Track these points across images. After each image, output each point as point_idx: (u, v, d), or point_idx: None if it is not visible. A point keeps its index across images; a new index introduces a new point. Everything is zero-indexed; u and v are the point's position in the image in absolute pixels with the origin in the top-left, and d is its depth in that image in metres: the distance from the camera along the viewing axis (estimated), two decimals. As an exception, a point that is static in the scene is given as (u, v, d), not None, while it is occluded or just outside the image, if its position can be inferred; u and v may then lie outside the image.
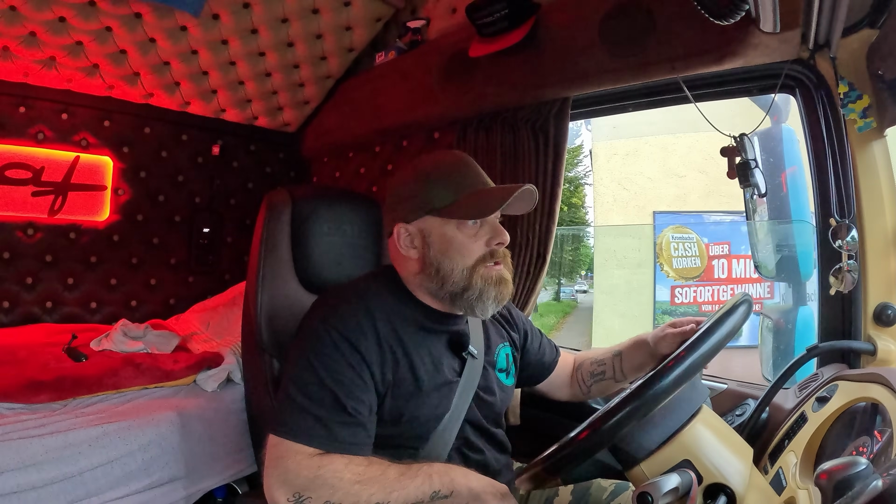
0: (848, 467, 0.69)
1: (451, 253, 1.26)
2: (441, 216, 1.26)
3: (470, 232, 1.27)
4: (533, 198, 1.32)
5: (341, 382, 1.16)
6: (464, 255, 1.26)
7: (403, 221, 1.28)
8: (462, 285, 1.25)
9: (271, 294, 1.66)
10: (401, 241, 1.28)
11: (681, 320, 1.46)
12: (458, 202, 1.26)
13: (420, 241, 1.28)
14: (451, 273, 1.25)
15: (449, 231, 1.26)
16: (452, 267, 1.25)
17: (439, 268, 1.26)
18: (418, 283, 1.30)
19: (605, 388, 1.62)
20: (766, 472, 1.26)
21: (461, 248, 1.26)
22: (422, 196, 1.27)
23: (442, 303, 1.31)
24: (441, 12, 2.59)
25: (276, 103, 3.22)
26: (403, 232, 1.28)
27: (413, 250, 1.28)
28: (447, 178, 1.28)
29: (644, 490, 0.91)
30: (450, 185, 1.27)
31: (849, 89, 1.42)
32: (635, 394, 0.94)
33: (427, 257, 1.27)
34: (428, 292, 1.30)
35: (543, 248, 2.13)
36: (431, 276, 1.27)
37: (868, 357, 1.49)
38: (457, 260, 1.25)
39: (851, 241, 1.49)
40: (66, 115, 2.90)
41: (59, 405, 1.99)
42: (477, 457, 1.37)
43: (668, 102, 2.00)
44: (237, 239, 3.49)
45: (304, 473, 1.10)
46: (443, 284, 1.26)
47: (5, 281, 2.82)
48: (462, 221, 1.26)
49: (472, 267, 1.26)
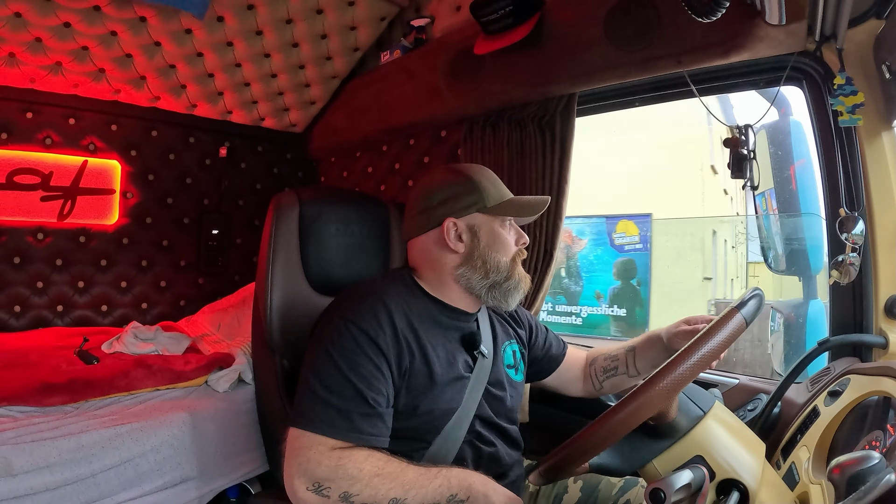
0: (861, 461, 0.69)
1: (497, 246, 1.39)
2: (489, 214, 1.39)
3: (508, 231, 1.41)
4: (543, 210, 1.49)
5: (361, 374, 1.19)
6: (507, 249, 1.40)
7: (453, 216, 1.38)
8: (506, 275, 1.38)
9: (280, 295, 1.67)
10: (450, 234, 1.37)
11: (695, 318, 1.47)
12: (505, 204, 1.41)
13: (469, 235, 1.38)
14: (497, 264, 1.38)
15: (496, 228, 1.40)
16: (499, 259, 1.38)
17: (486, 259, 1.37)
18: (457, 276, 1.39)
19: (619, 383, 1.63)
20: (779, 467, 1.26)
21: (506, 242, 1.40)
22: (475, 195, 1.39)
23: (472, 296, 1.40)
24: (445, 10, 2.59)
25: (283, 104, 3.22)
26: (453, 226, 1.38)
27: (461, 244, 1.38)
28: (492, 184, 1.43)
29: (656, 486, 0.91)
30: (495, 189, 1.42)
31: (845, 83, 1.41)
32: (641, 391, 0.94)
33: (476, 250, 1.38)
34: (463, 286, 1.39)
35: (551, 245, 2.12)
36: (477, 267, 1.37)
37: (880, 350, 1.49)
38: (501, 253, 1.39)
39: (858, 234, 1.48)
40: (74, 119, 2.92)
41: (72, 407, 2.00)
42: (489, 449, 1.38)
43: (675, 97, 1.99)
44: (246, 240, 3.49)
45: (325, 463, 1.12)
46: (487, 274, 1.37)
47: (16, 285, 2.83)
48: (503, 221, 1.41)
49: (512, 259, 1.40)
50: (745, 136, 1.64)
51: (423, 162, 2.79)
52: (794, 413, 1.43)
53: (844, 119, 1.42)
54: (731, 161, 1.65)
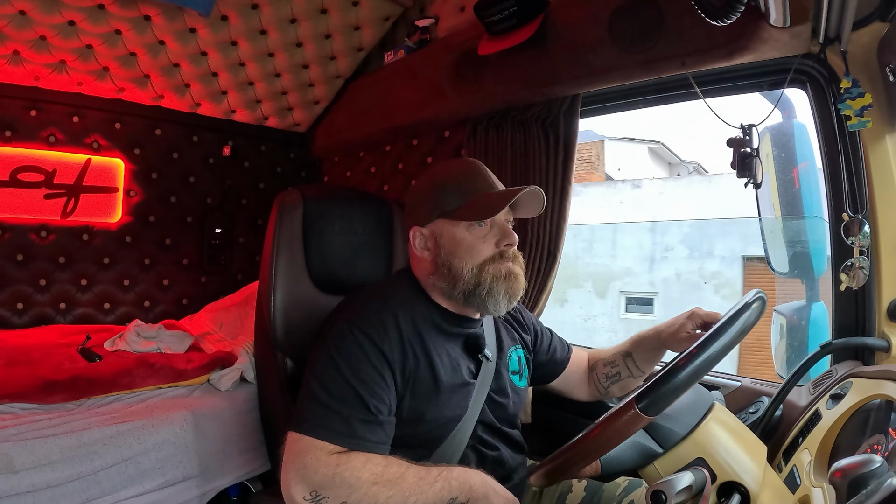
0: (862, 465, 0.69)
1: (459, 253, 1.31)
2: (450, 219, 1.33)
3: (479, 233, 1.32)
4: (540, 200, 1.37)
5: (364, 381, 1.19)
6: (472, 254, 1.31)
7: (418, 225, 1.35)
8: (473, 283, 1.30)
9: (284, 294, 1.67)
10: (416, 243, 1.36)
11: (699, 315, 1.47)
12: (466, 205, 1.32)
13: (432, 242, 1.34)
14: (461, 272, 1.30)
15: (458, 233, 1.32)
16: (462, 266, 1.30)
17: (450, 267, 1.31)
18: (432, 283, 1.35)
19: (625, 385, 1.63)
20: (781, 470, 1.26)
21: (470, 248, 1.31)
22: (434, 200, 1.34)
23: (456, 303, 1.36)
24: (449, 10, 2.59)
25: (286, 104, 3.22)
26: (418, 234, 1.36)
27: (426, 252, 1.35)
28: (457, 184, 1.35)
29: (658, 488, 0.91)
30: (459, 189, 1.34)
31: (852, 86, 1.40)
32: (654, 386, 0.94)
33: (439, 258, 1.33)
34: (442, 293, 1.35)
35: (554, 247, 2.12)
36: (444, 275, 1.32)
37: (882, 353, 1.48)
38: (466, 259, 1.30)
39: (864, 237, 1.47)
40: (78, 117, 2.92)
41: (74, 405, 2.00)
42: (493, 453, 1.38)
43: (678, 98, 1.99)
44: (249, 239, 3.50)
45: (322, 470, 1.11)
46: (455, 283, 1.31)
47: (19, 282, 2.83)
48: (471, 224, 1.31)
49: (480, 265, 1.31)
50: (749, 135, 1.64)
51: (426, 162, 2.79)
52: (796, 416, 1.42)
53: (854, 123, 1.41)
54: (736, 160, 1.65)
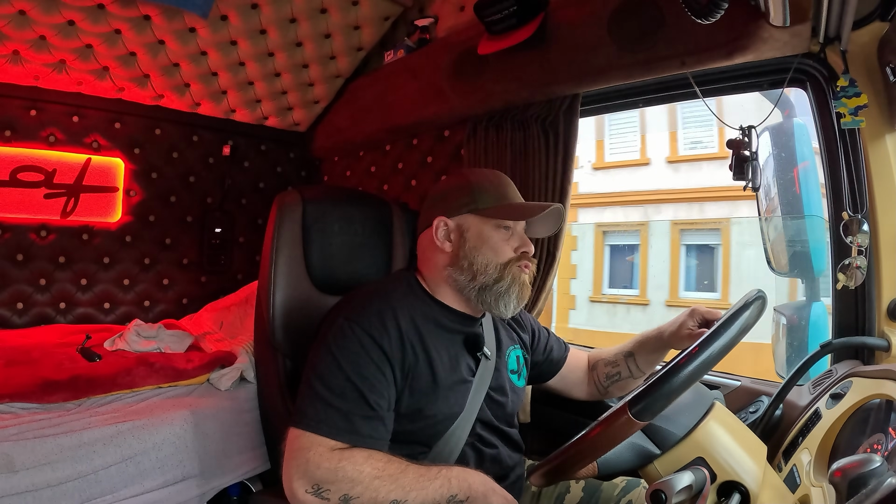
0: (862, 465, 0.69)
1: (484, 249, 1.36)
2: (481, 216, 1.38)
3: (503, 236, 1.38)
4: (557, 223, 1.48)
5: (364, 377, 1.20)
6: (497, 253, 1.37)
7: (445, 215, 1.38)
8: (494, 277, 1.35)
9: (284, 293, 1.67)
10: (438, 232, 1.38)
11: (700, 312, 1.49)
12: (500, 207, 1.39)
13: (457, 235, 1.38)
14: (484, 267, 1.35)
15: (486, 230, 1.37)
16: (486, 262, 1.35)
17: (472, 262, 1.35)
18: (446, 276, 1.38)
19: (624, 386, 1.64)
20: (781, 470, 1.26)
21: (495, 246, 1.37)
22: (468, 196, 1.39)
23: (463, 299, 1.39)
24: (449, 10, 2.59)
25: (286, 103, 3.22)
26: (442, 225, 1.38)
27: (448, 243, 1.38)
28: (493, 187, 1.41)
29: (657, 488, 0.91)
30: (495, 192, 1.40)
31: (849, 85, 1.41)
32: (647, 392, 0.94)
33: (462, 250, 1.36)
34: (454, 287, 1.38)
35: (553, 247, 2.12)
36: (463, 268, 1.36)
37: (882, 353, 1.48)
38: (490, 256, 1.36)
39: (863, 237, 1.47)
40: (77, 117, 2.92)
41: (74, 405, 2.00)
42: (491, 451, 1.39)
43: (678, 98, 2.00)
44: (249, 239, 3.49)
45: (324, 465, 1.12)
46: (474, 276, 1.35)
47: (19, 282, 2.83)
48: (498, 225, 1.37)
49: (504, 263, 1.36)
50: (748, 137, 1.64)
51: (426, 162, 2.79)
52: (796, 415, 1.43)
53: (847, 121, 1.42)
54: (733, 163, 1.65)
